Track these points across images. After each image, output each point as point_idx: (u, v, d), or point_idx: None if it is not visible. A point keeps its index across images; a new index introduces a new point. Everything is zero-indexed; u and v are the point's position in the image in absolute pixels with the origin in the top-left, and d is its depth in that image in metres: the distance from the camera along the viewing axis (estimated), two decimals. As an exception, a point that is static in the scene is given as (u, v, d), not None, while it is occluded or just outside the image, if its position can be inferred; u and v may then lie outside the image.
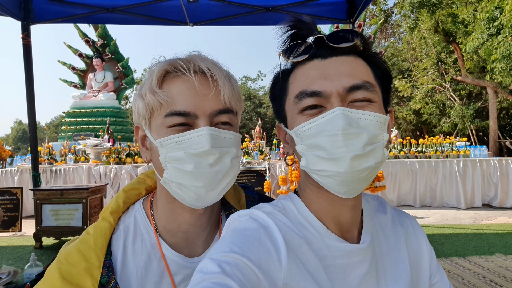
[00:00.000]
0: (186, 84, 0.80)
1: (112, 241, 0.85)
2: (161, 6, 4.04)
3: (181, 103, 0.79)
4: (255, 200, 1.05)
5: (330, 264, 0.70)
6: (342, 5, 4.15)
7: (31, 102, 3.95)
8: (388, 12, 20.39)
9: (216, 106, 0.81)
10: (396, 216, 0.88)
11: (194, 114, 0.78)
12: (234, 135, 0.84)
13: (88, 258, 0.79)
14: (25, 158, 8.17)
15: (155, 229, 0.88)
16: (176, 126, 0.78)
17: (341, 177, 0.66)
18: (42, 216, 4.69)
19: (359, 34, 0.73)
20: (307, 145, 0.69)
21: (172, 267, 0.85)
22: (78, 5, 3.93)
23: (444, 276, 0.87)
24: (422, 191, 7.23)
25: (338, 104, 0.67)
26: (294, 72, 0.75)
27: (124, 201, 0.91)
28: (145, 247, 0.86)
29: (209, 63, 0.83)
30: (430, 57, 18.74)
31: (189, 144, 0.77)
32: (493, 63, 11.91)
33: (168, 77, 0.82)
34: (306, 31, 0.75)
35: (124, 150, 7.85)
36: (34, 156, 4.17)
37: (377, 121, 0.68)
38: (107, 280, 0.78)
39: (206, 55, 0.87)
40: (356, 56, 0.73)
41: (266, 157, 7.59)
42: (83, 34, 12.37)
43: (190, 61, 0.82)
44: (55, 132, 32.48)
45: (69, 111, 11.99)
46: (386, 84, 0.77)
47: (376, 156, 0.66)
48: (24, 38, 3.90)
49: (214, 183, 0.79)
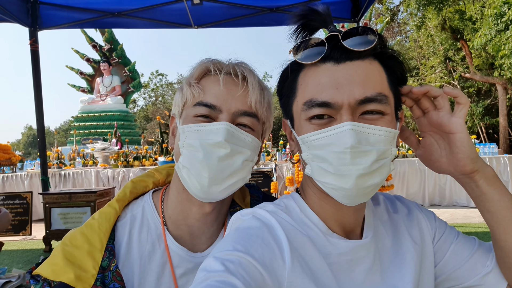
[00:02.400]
0: (219, 82, 0.85)
1: (117, 228, 0.88)
2: (166, 10, 4.06)
3: (210, 97, 0.84)
4: (260, 199, 1.06)
5: (334, 261, 0.70)
6: (346, 4, 4.12)
7: (39, 107, 3.99)
8: (394, 11, 20.26)
9: (241, 106, 0.84)
10: (389, 204, 0.88)
11: (219, 108, 0.83)
12: (252, 139, 0.86)
13: (91, 241, 0.81)
14: (35, 163, 8.27)
15: (163, 220, 0.90)
16: (200, 117, 0.84)
17: (346, 192, 0.66)
18: (51, 219, 4.74)
19: (377, 33, 0.66)
20: (313, 155, 0.68)
21: (175, 259, 0.87)
22: (85, 10, 3.97)
23: (452, 229, 0.87)
24: (431, 190, 7.15)
25: (349, 117, 0.64)
26: (304, 72, 0.71)
27: (130, 191, 0.95)
28: (150, 237, 0.88)
29: (245, 69, 0.89)
30: (437, 54, 18.56)
31: (206, 134, 0.80)
32: (501, 59, 11.74)
33: (208, 74, 0.88)
34: (319, 22, 0.70)
35: (132, 153, 7.91)
36: (43, 161, 4.22)
37: (387, 136, 0.66)
38: (108, 263, 0.80)
39: (247, 63, 0.92)
40: (372, 58, 0.68)
41: (272, 158, 7.58)
42: (90, 39, 12.51)
43: (228, 64, 0.88)
44: (64, 137, 32.88)
45: (78, 116, 12.13)
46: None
47: (382, 172, 0.66)
48: (32, 44, 3.95)
49: (219, 177, 0.80)
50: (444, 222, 0.88)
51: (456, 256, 0.81)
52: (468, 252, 0.80)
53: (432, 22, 16.57)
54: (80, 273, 0.75)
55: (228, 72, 0.87)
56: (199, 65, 0.88)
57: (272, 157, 7.63)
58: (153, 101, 33.81)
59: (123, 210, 0.92)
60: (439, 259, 0.82)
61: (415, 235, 0.82)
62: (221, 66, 0.88)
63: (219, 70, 0.87)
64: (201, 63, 0.89)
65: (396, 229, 0.82)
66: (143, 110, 34.19)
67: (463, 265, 0.80)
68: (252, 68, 0.91)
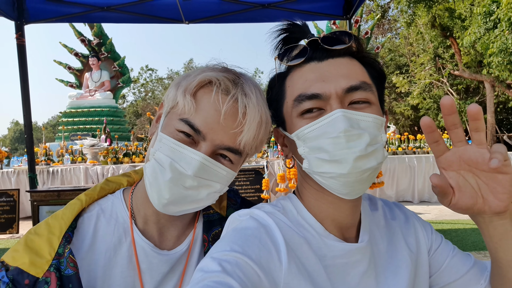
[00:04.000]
0: (215, 106, 0.77)
1: (83, 219, 0.88)
2: (156, 4, 4.00)
3: (199, 118, 0.78)
4: (237, 203, 1.05)
5: (329, 263, 0.71)
6: (339, 1, 4.12)
7: (26, 103, 3.91)
8: (385, 7, 20.36)
9: (227, 142, 0.79)
10: (387, 210, 0.89)
11: (203, 136, 0.78)
12: (228, 172, 0.82)
13: (51, 229, 0.82)
14: (22, 159, 8.14)
15: (131, 215, 0.90)
16: (182, 133, 0.78)
17: (344, 178, 0.67)
18: (40, 217, 4.65)
19: (353, 35, 0.74)
20: (309, 147, 0.70)
21: (140, 254, 0.87)
22: (73, 4, 3.88)
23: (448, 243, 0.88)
24: (420, 187, 7.24)
25: (338, 105, 0.67)
26: (291, 75, 0.76)
27: (101, 187, 0.95)
28: (117, 230, 0.88)
29: (251, 101, 0.78)
30: (427, 52, 18.76)
31: (179, 158, 0.77)
32: (490, 57, 11.92)
33: (209, 86, 0.80)
34: (299, 33, 0.76)
35: (122, 149, 7.82)
36: (30, 157, 4.14)
37: (376, 123, 0.69)
38: (63, 249, 0.80)
39: (255, 88, 0.81)
40: (351, 57, 0.75)
41: (264, 155, 7.58)
42: (79, 33, 12.30)
43: (234, 87, 0.79)
44: (52, 132, 32.43)
45: (66, 111, 11.95)
46: (381, 84, 0.78)
47: (378, 156, 0.68)
48: (18, 38, 3.86)
49: (179, 203, 0.80)
50: (440, 235, 0.89)
51: (452, 269, 0.83)
52: (465, 268, 0.83)
53: (422, 19, 16.71)
54: (35, 259, 0.77)
55: (231, 99, 0.77)
56: (203, 74, 0.80)
57: (263, 154, 7.63)
58: (143, 97, 33.56)
59: (92, 204, 0.92)
60: (434, 270, 0.84)
61: (411, 243, 0.83)
62: (226, 85, 0.78)
63: (222, 91, 0.78)
64: (206, 72, 0.80)
65: (393, 235, 0.83)
66: (133, 106, 33.90)
67: (458, 279, 0.82)
68: (260, 98, 0.81)
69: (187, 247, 0.92)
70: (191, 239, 0.93)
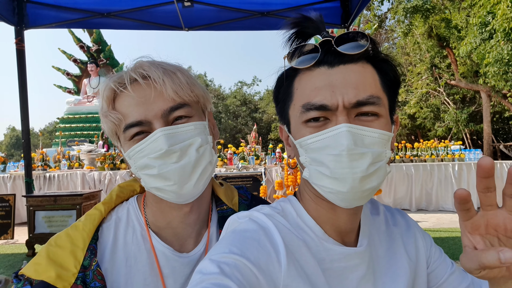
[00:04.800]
0: (130, 96, 0.81)
1: (103, 229, 0.88)
2: (156, 11, 4.03)
3: (132, 115, 0.81)
4: (248, 199, 1.06)
5: (328, 267, 0.70)
6: (337, 9, 4.16)
7: (24, 108, 3.91)
8: (382, 17, 20.56)
9: (163, 105, 0.81)
10: (389, 216, 0.88)
11: (146, 121, 0.80)
12: (195, 125, 0.84)
13: (74, 241, 0.81)
14: (19, 165, 8.08)
15: (146, 222, 0.91)
16: (136, 136, 0.82)
17: (343, 196, 0.66)
18: (35, 223, 4.62)
19: (369, 37, 0.69)
20: (311, 158, 0.69)
21: (161, 259, 0.87)
22: (73, 10, 3.91)
23: (447, 258, 0.87)
24: (418, 195, 7.24)
25: (344, 118, 0.65)
26: (299, 77, 0.72)
27: (117, 195, 0.95)
28: (136, 238, 0.88)
29: (143, 67, 0.83)
30: (424, 62, 18.90)
31: (149, 150, 0.79)
32: (486, 67, 12.03)
33: (117, 94, 0.84)
34: (313, 29, 0.72)
35: (119, 155, 7.78)
36: (27, 162, 4.12)
37: (382, 138, 0.67)
38: (89, 262, 0.80)
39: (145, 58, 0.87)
40: (365, 62, 0.70)
41: (262, 162, 7.57)
42: (78, 39, 12.32)
43: (125, 73, 0.83)
44: (49, 138, 32.26)
45: (64, 117, 11.91)
46: (393, 91, 0.74)
47: (379, 175, 0.66)
48: (18, 44, 3.87)
49: (184, 177, 0.80)
50: (439, 248, 0.89)
51: (451, 284, 0.83)
52: (464, 285, 0.82)
53: (419, 29, 16.88)
54: (61, 272, 0.76)
55: (130, 81, 0.82)
56: (103, 92, 0.84)
57: (261, 161, 7.62)
58: (141, 103, 33.36)
59: (109, 213, 0.92)
60: (433, 283, 0.84)
61: (410, 251, 0.83)
62: (121, 79, 0.83)
63: (121, 85, 0.82)
64: (104, 87, 0.84)
65: (393, 241, 0.83)
66: (131, 112, 33.66)
67: None
68: (151, 60, 0.86)
69: (204, 247, 0.93)
70: (207, 238, 0.94)
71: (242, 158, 7.54)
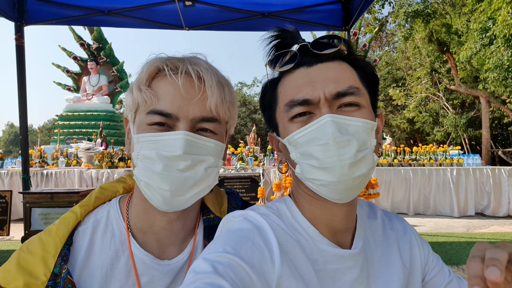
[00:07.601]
0: (173, 85, 0.78)
1: (78, 233, 0.83)
2: (157, 10, 4.02)
3: (165, 103, 0.77)
4: (238, 207, 1.02)
5: (320, 268, 0.71)
6: (338, 12, 4.16)
7: (23, 105, 3.89)
8: (383, 21, 20.59)
9: (199, 112, 0.78)
10: (386, 220, 0.89)
11: (175, 116, 0.77)
12: (215, 144, 0.81)
13: (46, 246, 0.77)
14: (16, 161, 8.06)
15: (128, 226, 0.86)
16: (155, 125, 0.77)
17: (335, 186, 0.67)
18: (31, 220, 4.59)
19: (342, 39, 0.74)
20: (300, 153, 0.71)
21: (140, 267, 0.83)
22: (74, 7, 3.89)
23: (444, 266, 0.87)
24: (415, 199, 7.24)
25: (327, 110, 0.68)
26: (282, 81, 0.77)
27: (97, 196, 0.90)
28: (114, 243, 0.84)
29: (201, 67, 0.81)
30: (424, 66, 18.93)
31: (163, 146, 0.75)
32: (485, 73, 12.04)
33: (159, 75, 0.81)
34: (290, 39, 0.77)
35: (117, 154, 7.78)
36: (24, 159, 4.10)
37: (365, 127, 0.69)
38: (59, 269, 0.76)
39: (202, 58, 0.85)
40: (341, 61, 0.75)
41: (260, 163, 7.57)
42: (78, 37, 12.32)
43: (181, 62, 0.80)
44: (48, 135, 32.23)
45: (62, 114, 11.89)
46: (373, 87, 0.77)
47: (368, 162, 0.68)
48: (17, 39, 3.85)
49: (182, 189, 0.76)
50: (437, 256, 0.89)
51: None
52: None
53: (419, 34, 16.90)
54: (29, 280, 0.73)
55: (182, 72, 0.78)
56: (148, 65, 0.81)
57: (259, 162, 7.62)
58: (141, 102, 33.36)
59: (87, 216, 0.87)
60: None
61: (405, 258, 0.83)
62: (173, 65, 0.79)
63: (172, 70, 0.79)
64: (151, 62, 0.81)
65: (388, 246, 0.83)
66: (130, 111, 33.68)
67: None
68: (209, 63, 0.85)
69: (188, 255, 0.88)
70: (192, 247, 0.90)
71: (240, 159, 7.54)
